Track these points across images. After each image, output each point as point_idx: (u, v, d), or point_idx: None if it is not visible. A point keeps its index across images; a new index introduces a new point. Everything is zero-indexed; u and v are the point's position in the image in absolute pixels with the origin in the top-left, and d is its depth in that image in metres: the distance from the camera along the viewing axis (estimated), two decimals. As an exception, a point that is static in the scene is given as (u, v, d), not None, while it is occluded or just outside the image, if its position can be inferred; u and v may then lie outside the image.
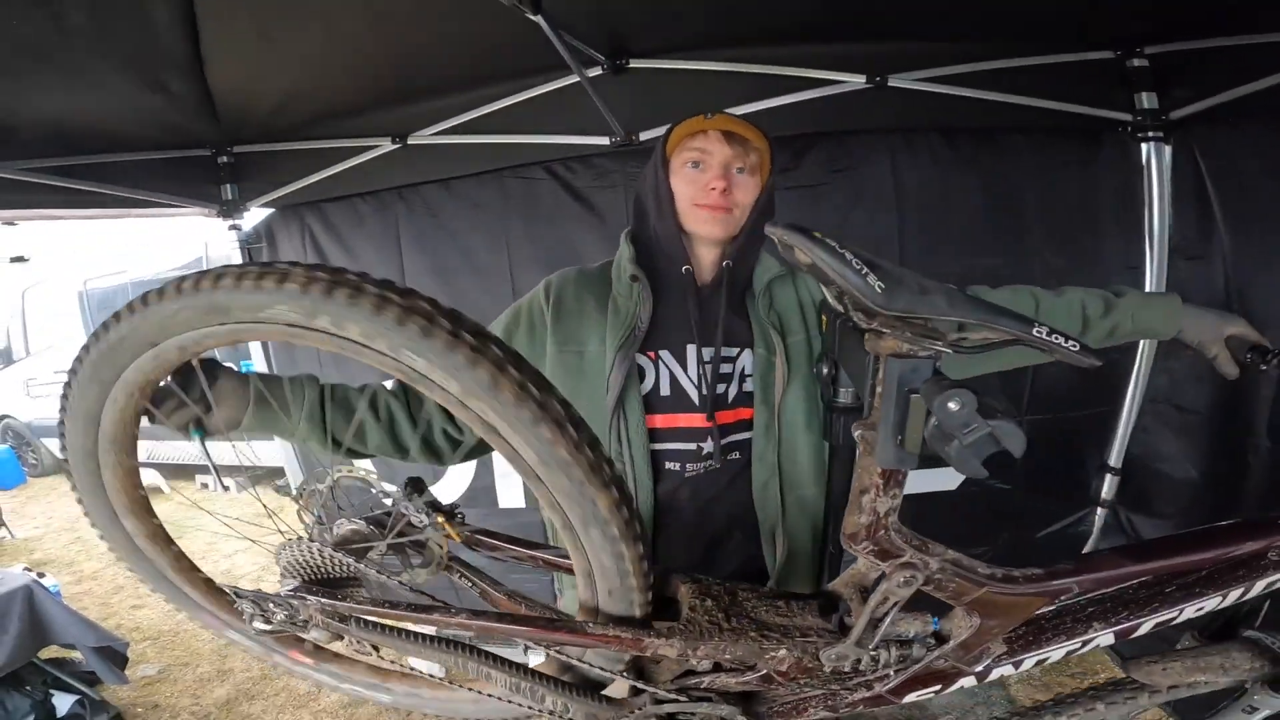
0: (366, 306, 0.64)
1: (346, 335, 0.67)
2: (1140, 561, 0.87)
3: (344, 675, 1.09)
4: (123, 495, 0.92)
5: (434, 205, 2.54)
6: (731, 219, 1.21)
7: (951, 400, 0.56)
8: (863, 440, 0.68)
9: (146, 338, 0.74)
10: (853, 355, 0.85)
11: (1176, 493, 2.43)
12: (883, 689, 0.92)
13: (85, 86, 1.90)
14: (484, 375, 0.65)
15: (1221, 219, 2.17)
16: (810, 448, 1.26)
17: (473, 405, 0.68)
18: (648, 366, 1.24)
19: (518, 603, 1.03)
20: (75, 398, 0.82)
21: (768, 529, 1.26)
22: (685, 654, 0.82)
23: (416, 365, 0.67)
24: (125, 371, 0.78)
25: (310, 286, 0.65)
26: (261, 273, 0.67)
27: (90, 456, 0.87)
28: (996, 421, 0.56)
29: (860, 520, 0.72)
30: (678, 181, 1.22)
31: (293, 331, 0.68)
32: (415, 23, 1.89)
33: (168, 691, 3.18)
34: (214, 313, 0.70)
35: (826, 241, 0.57)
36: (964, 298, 0.59)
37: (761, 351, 1.24)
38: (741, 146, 1.20)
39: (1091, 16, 1.99)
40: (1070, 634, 0.91)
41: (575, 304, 1.27)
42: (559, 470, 0.70)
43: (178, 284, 0.71)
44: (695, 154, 1.20)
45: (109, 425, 0.84)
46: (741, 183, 1.21)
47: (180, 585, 1.05)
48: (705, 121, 1.21)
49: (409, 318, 0.65)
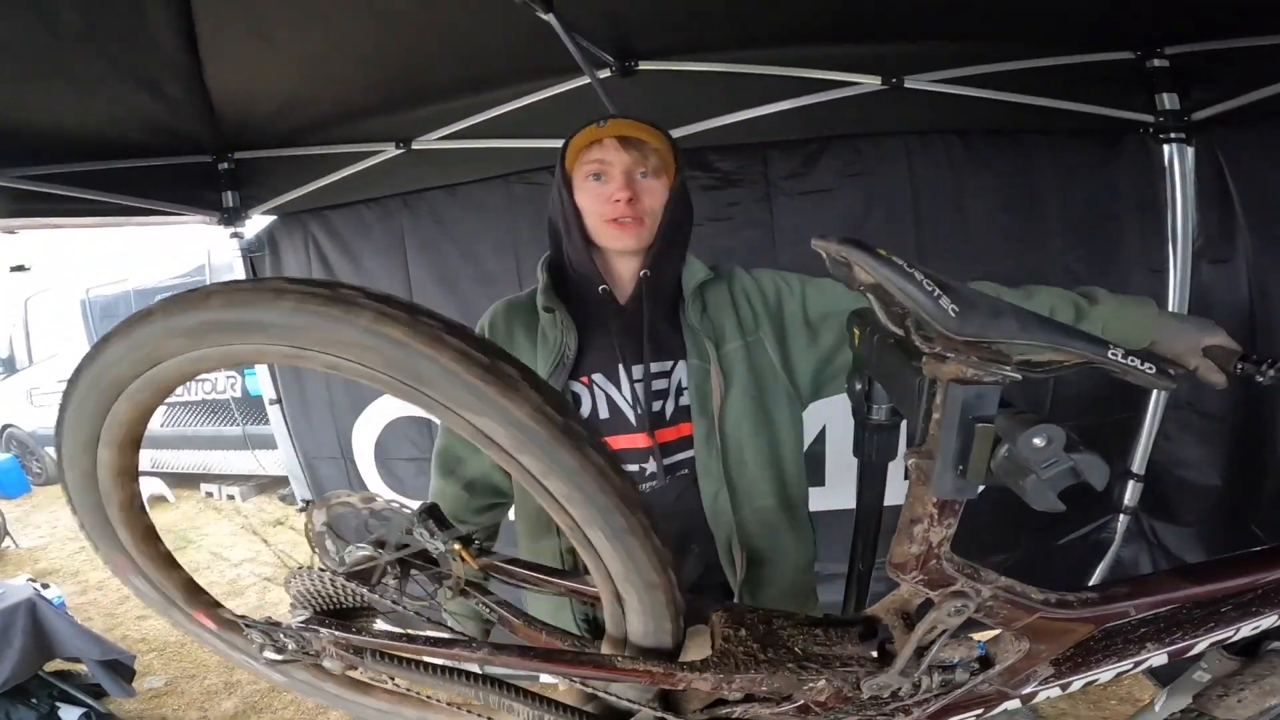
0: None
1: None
2: (1199, 583, 0.82)
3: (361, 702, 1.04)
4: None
5: (440, 211, 2.50)
6: (643, 228, 1.17)
7: (1037, 437, 0.51)
8: (916, 469, 0.64)
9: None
10: (896, 375, 0.81)
11: (1199, 499, 2.38)
12: (921, 714, 0.87)
13: (81, 92, 1.87)
14: (570, 459, 0.62)
15: (1244, 221, 2.12)
16: (764, 459, 1.22)
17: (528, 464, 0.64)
18: (582, 393, 1.20)
19: (538, 630, 0.99)
20: (72, 409, 0.73)
21: (723, 542, 1.21)
22: (719, 687, 0.78)
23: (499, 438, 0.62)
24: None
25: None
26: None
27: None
28: (1080, 455, 0.52)
29: (910, 550, 0.68)
30: (582, 197, 1.18)
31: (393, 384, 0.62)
32: (419, 24, 1.86)
33: (174, 704, 3.14)
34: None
35: (894, 260, 0.52)
36: (1036, 319, 0.54)
37: (695, 361, 1.20)
38: (640, 150, 1.15)
39: (1111, 17, 1.95)
40: (1121, 655, 0.86)
41: (506, 338, 1.24)
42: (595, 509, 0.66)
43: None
44: (594, 165, 1.16)
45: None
46: (647, 188, 1.16)
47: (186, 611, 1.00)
48: (599, 130, 1.16)
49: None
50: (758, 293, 1.27)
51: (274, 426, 2.92)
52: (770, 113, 2.17)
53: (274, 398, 2.87)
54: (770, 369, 1.24)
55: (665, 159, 1.18)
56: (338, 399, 2.73)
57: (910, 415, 0.69)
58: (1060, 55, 2.09)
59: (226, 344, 0.61)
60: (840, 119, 2.18)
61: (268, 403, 2.90)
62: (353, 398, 2.71)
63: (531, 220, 2.40)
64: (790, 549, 1.28)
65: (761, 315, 1.25)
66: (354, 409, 2.72)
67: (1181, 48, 2.07)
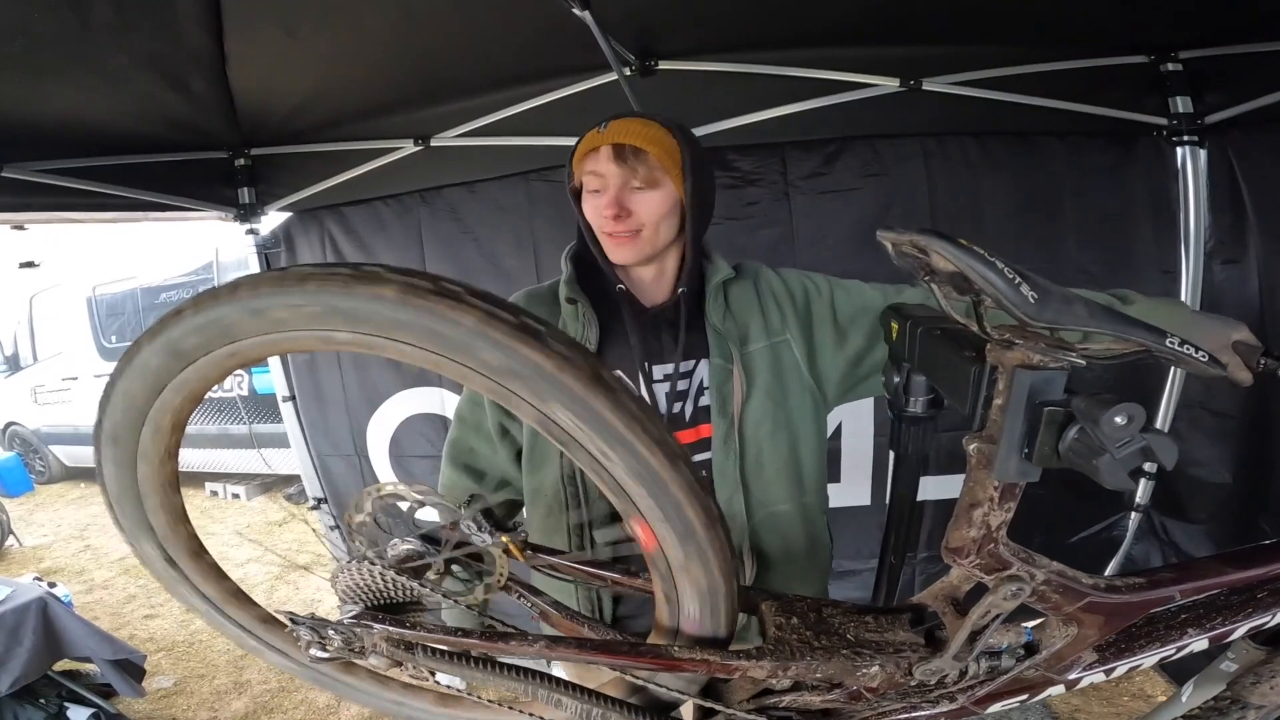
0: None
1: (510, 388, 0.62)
2: (1240, 568, 0.84)
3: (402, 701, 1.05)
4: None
5: (457, 208, 2.51)
6: (640, 240, 1.13)
7: (1119, 414, 0.53)
8: (978, 453, 0.65)
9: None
10: (945, 365, 0.82)
11: (1210, 497, 2.40)
12: (967, 700, 0.89)
13: (105, 85, 1.87)
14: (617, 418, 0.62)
15: (1257, 223, 2.15)
16: (780, 462, 1.20)
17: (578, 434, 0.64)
18: None
19: (579, 624, 0.99)
20: (124, 381, 0.70)
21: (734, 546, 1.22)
22: (774, 675, 0.79)
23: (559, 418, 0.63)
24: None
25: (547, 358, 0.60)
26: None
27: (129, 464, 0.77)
28: (1152, 434, 0.53)
29: (969, 534, 0.69)
30: (586, 208, 1.16)
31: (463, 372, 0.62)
32: (442, 20, 1.87)
33: (184, 704, 3.14)
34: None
35: (975, 249, 0.54)
36: (1100, 308, 0.56)
37: (718, 361, 1.18)
38: (630, 161, 1.10)
39: (1125, 21, 1.97)
40: (1164, 640, 0.88)
41: None
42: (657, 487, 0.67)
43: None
44: (593, 179, 1.13)
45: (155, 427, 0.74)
46: (641, 200, 1.12)
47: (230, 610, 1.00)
48: (599, 136, 1.12)
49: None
50: (785, 293, 1.25)
51: (287, 423, 2.92)
52: (789, 113, 2.18)
53: (287, 394, 2.87)
54: (795, 371, 1.22)
55: (665, 163, 1.11)
56: (352, 396, 2.74)
57: (964, 403, 0.71)
58: (1075, 59, 2.11)
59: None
60: (858, 120, 2.20)
61: (281, 399, 2.90)
62: (368, 395, 2.72)
63: (550, 218, 2.42)
64: (803, 554, 1.26)
65: (789, 316, 1.23)
66: (369, 406, 2.72)
67: (1195, 52, 2.10)
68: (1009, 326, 0.61)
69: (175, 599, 0.96)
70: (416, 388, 2.64)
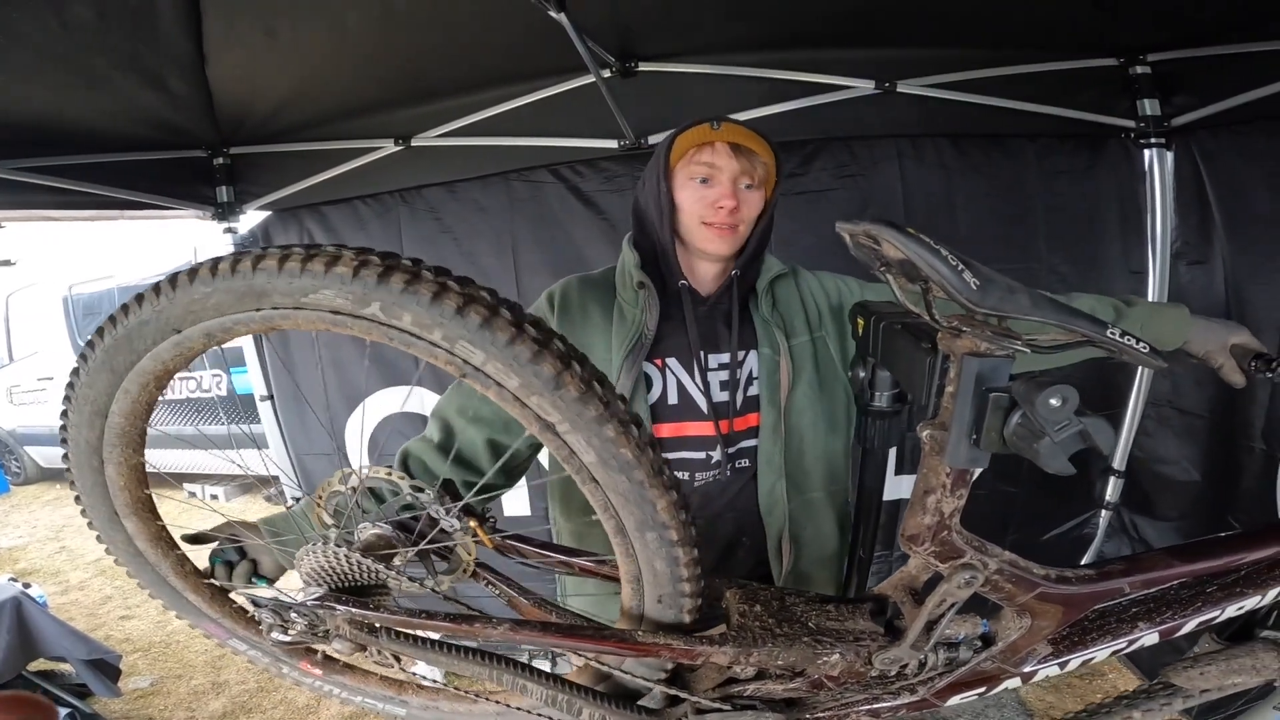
0: (424, 294, 0.62)
1: (398, 325, 0.63)
2: (1188, 561, 0.86)
3: (357, 688, 1.05)
4: (126, 494, 0.86)
5: (438, 208, 2.52)
6: (737, 236, 1.19)
7: (1054, 396, 0.55)
8: (930, 440, 0.67)
9: (170, 323, 0.70)
10: (904, 356, 0.84)
11: (1179, 495, 2.45)
12: (927, 692, 0.91)
13: (82, 84, 1.86)
14: (547, 370, 0.63)
15: (1222, 225, 2.19)
16: (818, 451, 1.25)
17: (532, 402, 0.65)
18: (654, 374, 1.22)
19: (547, 611, 1.00)
20: (83, 387, 0.76)
21: (774, 536, 1.25)
22: (736, 661, 0.80)
23: (473, 359, 0.64)
24: (142, 360, 0.72)
25: (363, 271, 0.62)
26: (308, 255, 0.63)
27: (95, 452, 0.81)
28: (1089, 418, 0.55)
29: (924, 521, 0.71)
30: (684, 195, 1.19)
31: (336, 319, 0.65)
32: (423, 21, 1.87)
33: (161, 704, 3.10)
34: (250, 297, 0.66)
35: (922, 238, 0.56)
36: (1044, 299, 0.58)
37: (766, 351, 1.23)
38: (749, 160, 1.17)
39: (1095, 24, 2.01)
40: (1115, 634, 0.90)
41: (580, 312, 1.25)
42: (620, 471, 0.68)
43: (212, 266, 0.66)
44: (703, 169, 1.17)
45: (118, 418, 0.78)
46: (749, 198, 1.19)
47: (183, 591, 1.00)
48: (712, 132, 1.17)
49: (469, 308, 0.62)
50: (821, 291, 1.31)
51: (265, 422, 2.90)
52: (766, 114, 2.21)
53: (265, 393, 2.86)
54: (832, 365, 1.27)
55: (770, 172, 1.20)
56: (331, 395, 2.73)
57: (920, 392, 0.73)
58: (1047, 62, 2.15)
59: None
60: (834, 121, 2.23)
61: (259, 399, 2.88)
62: (347, 394, 2.71)
63: (529, 218, 2.43)
64: (830, 539, 1.31)
65: (825, 313, 1.29)
66: (348, 405, 2.72)
67: (1163, 55, 2.14)
68: (958, 315, 0.64)
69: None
70: (396, 386, 2.64)
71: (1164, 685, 1.05)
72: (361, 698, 1.06)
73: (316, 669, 1.04)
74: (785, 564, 1.25)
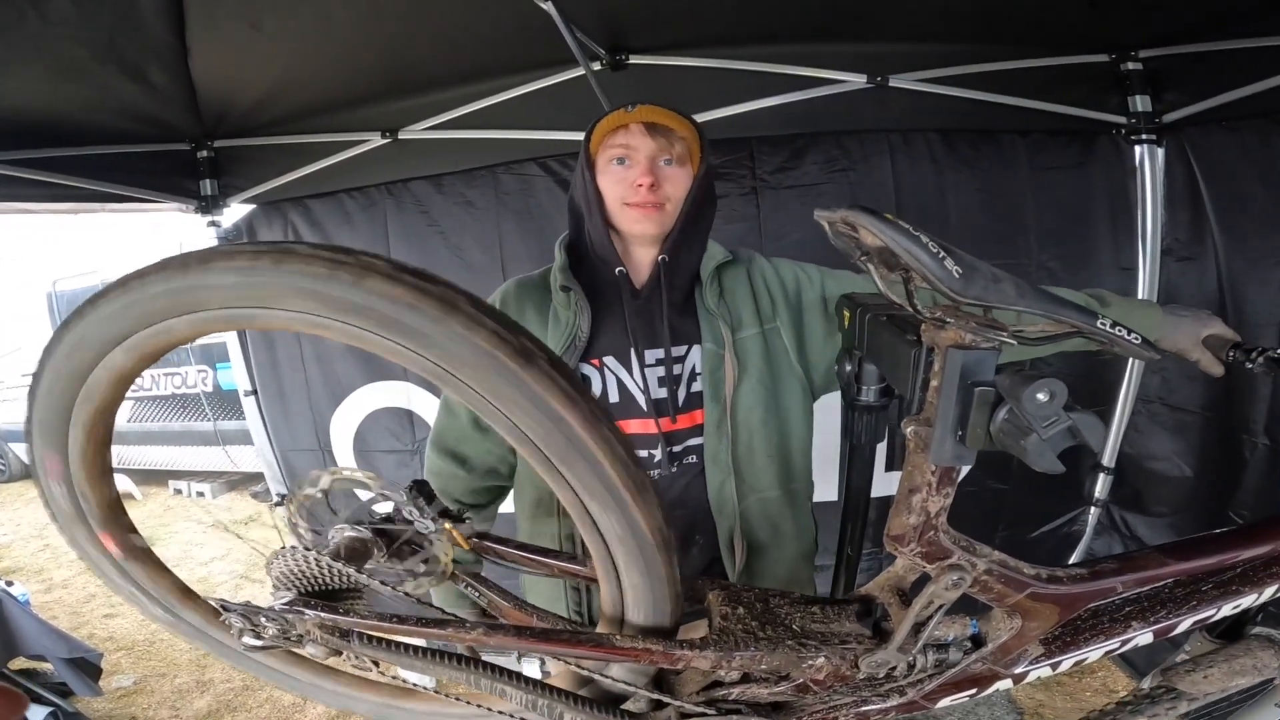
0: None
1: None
2: (1181, 560, 0.84)
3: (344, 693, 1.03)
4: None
5: (424, 202, 2.48)
6: (663, 215, 1.17)
7: (1041, 391, 0.53)
8: (915, 437, 0.65)
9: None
10: (889, 349, 0.82)
11: (1170, 491, 2.44)
12: (916, 695, 0.89)
13: (63, 76, 1.83)
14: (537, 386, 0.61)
15: (1214, 221, 2.18)
16: (771, 449, 1.23)
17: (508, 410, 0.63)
18: (593, 375, 1.21)
19: (528, 613, 0.98)
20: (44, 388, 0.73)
21: (725, 533, 1.22)
22: (719, 665, 0.78)
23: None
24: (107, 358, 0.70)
25: (364, 277, 0.59)
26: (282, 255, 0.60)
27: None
28: (1078, 414, 0.53)
29: (909, 521, 0.69)
30: (604, 180, 1.18)
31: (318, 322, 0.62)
32: (410, 13, 1.85)
33: (145, 703, 3.07)
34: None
35: (900, 223, 0.54)
36: (1031, 288, 0.56)
37: (710, 346, 1.21)
38: (666, 137, 1.15)
39: (1087, 20, 2.00)
40: (1108, 634, 0.88)
41: (516, 316, 1.23)
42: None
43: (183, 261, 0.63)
44: (619, 150, 1.16)
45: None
46: (670, 175, 1.17)
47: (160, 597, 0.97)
48: (626, 115, 1.16)
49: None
50: (777, 281, 1.28)
51: (249, 418, 2.87)
52: (758, 108, 2.19)
53: (249, 389, 2.82)
54: (785, 359, 1.24)
55: (691, 147, 1.18)
56: (315, 390, 2.70)
57: (905, 387, 0.71)
58: (1038, 58, 2.13)
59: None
60: (826, 115, 2.21)
61: (243, 394, 2.85)
62: (331, 389, 2.68)
63: (517, 212, 2.40)
64: (790, 540, 1.28)
65: (780, 304, 1.26)
66: (333, 400, 2.68)
67: (1154, 51, 2.13)
68: (943, 306, 0.61)
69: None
70: (381, 381, 2.60)
71: (1166, 689, 1.03)
72: (348, 702, 1.03)
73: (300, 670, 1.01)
74: (737, 562, 1.22)
